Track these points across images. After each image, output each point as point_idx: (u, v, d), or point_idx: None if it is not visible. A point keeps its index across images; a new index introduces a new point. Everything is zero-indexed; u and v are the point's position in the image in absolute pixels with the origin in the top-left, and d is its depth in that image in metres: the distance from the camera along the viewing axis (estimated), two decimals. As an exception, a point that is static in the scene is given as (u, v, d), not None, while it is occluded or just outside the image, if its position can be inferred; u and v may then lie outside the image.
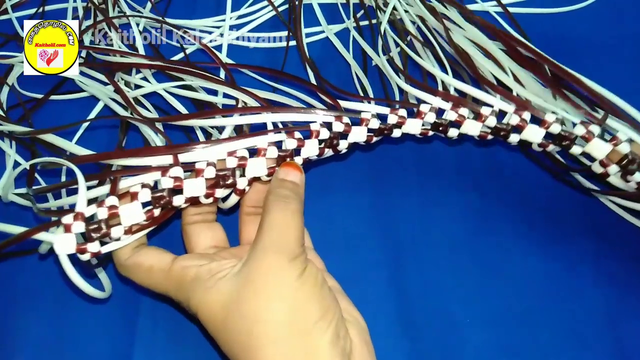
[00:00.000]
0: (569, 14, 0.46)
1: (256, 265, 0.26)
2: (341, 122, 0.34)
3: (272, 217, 0.28)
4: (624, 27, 0.45)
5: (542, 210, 0.38)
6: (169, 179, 0.28)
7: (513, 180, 0.39)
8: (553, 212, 0.37)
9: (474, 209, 0.38)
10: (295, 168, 0.31)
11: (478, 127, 0.35)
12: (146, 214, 0.28)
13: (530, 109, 0.34)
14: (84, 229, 0.27)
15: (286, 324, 0.25)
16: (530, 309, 0.34)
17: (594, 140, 0.32)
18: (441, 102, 0.36)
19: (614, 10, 0.46)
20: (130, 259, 0.29)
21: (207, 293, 0.26)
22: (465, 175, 0.39)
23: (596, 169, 0.33)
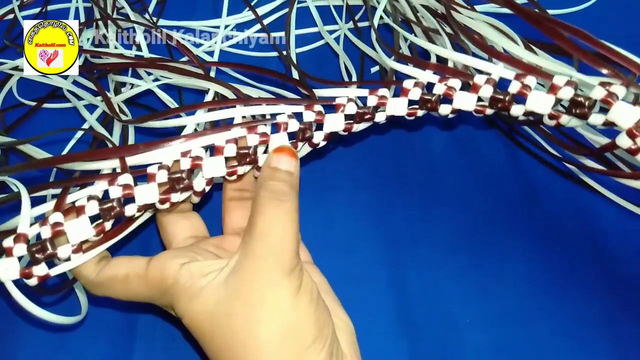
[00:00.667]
0: (571, 15, 0.46)
1: (248, 278, 0.24)
2: (312, 110, 0.30)
3: (265, 219, 0.24)
4: (625, 27, 0.43)
5: (542, 209, 0.37)
6: (118, 188, 0.26)
7: (514, 180, 0.38)
8: (553, 211, 0.36)
9: (474, 209, 0.36)
10: (289, 153, 0.27)
11: (472, 100, 0.29)
12: (96, 229, 0.25)
13: (537, 73, 0.27)
14: (26, 251, 0.24)
15: (278, 345, 0.23)
16: (529, 309, 0.33)
17: (617, 103, 0.25)
18: (430, 76, 0.30)
19: (615, 10, 0.46)
20: (100, 275, 0.26)
21: (192, 302, 0.24)
22: (465, 176, 0.38)
23: (622, 143, 0.25)
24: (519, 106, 0.28)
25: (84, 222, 0.25)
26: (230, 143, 0.27)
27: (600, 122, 0.26)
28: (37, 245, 0.24)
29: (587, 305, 0.33)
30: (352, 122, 0.30)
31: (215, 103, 0.31)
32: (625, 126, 0.25)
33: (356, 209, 0.36)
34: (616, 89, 0.25)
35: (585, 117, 0.26)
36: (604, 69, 0.26)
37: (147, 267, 0.26)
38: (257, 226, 0.24)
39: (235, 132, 0.28)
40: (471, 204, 0.36)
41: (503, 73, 0.28)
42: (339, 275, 0.29)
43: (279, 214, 0.24)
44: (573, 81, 0.26)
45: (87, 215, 0.25)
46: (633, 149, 0.25)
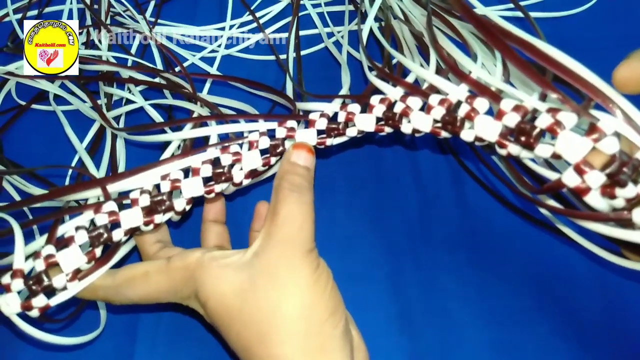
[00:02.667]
0: (568, 17, 0.45)
1: (273, 258, 0.26)
2: (284, 126, 0.30)
3: (287, 208, 0.26)
4: (623, 30, 0.44)
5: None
6: (104, 215, 0.27)
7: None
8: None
9: (472, 208, 0.36)
10: (307, 150, 0.29)
11: (427, 121, 0.27)
12: (88, 256, 0.26)
13: (489, 95, 0.25)
14: (24, 285, 0.25)
15: (302, 318, 0.25)
16: (529, 308, 0.33)
17: (563, 133, 0.22)
18: (398, 93, 0.29)
19: (612, 13, 0.45)
20: (117, 277, 0.27)
21: (218, 282, 0.26)
22: (463, 177, 0.38)
23: (569, 180, 0.22)
24: (470, 131, 0.25)
25: (74, 251, 0.26)
26: (206, 164, 0.29)
27: (549, 154, 0.22)
28: (32, 278, 0.25)
29: (587, 305, 0.33)
30: (324, 137, 0.30)
31: (195, 119, 0.33)
32: (572, 160, 0.22)
33: (355, 209, 0.37)
34: (564, 116, 0.22)
35: (531, 147, 0.23)
36: (552, 92, 0.23)
37: (167, 262, 0.27)
38: (279, 214, 0.26)
39: (210, 153, 0.29)
40: (470, 204, 0.36)
41: (459, 95, 0.26)
42: (338, 275, 0.29)
43: (299, 204, 0.27)
44: (522, 106, 0.23)
45: (77, 244, 0.26)
46: (582, 188, 0.22)
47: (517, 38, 0.25)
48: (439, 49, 0.28)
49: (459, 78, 0.26)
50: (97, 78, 0.39)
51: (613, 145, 0.21)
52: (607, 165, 0.21)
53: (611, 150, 0.21)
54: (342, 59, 0.37)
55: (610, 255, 0.27)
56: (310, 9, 0.45)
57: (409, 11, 0.36)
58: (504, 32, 0.25)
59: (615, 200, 0.22)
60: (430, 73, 0.28)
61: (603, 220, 0.23)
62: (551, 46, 0.24)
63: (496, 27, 0.25)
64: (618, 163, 0.21)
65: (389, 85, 0.30)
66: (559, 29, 0.44)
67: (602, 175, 0.21)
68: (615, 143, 0.21)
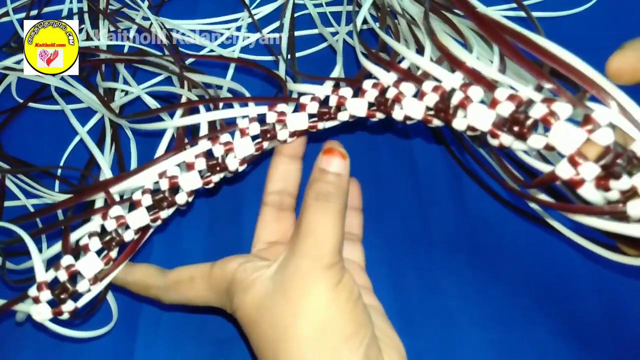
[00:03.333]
0: (568, 17, 0.45)
1: (291, 272, 0.25)
2: (274, 111, 0.30)
3: (310, 219, 0.25)
4: (623, 30, 0.43)
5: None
6: (112, 221, 0.28)
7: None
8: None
9: (471, 208, 0.36)
10: (338, 155, 0.27)
11: (420, 108, 0.26)
12: (104, 260, 0.28)
13: (484, 84, 0.24)
14: (52, 296, 0.27)
15: (314, 340, 0.23)
16: (529, 308, 0.33)
17: (557, 124, 0.21)
18: (391, 78, 0.28)
19: (613, 13, 0.45)
20: (167, 279, 0.29)
21: (244, 294, 0.26)
22: (461, 174, 0.38)
23: (562, 172, 0.21)
24: (462, 120, 0.25)
25: (92, 258, 0.28)
26: (199, 157, 0.29)
27: (542, 145, 0.22)
28: (58, 288, 0.27)
29: (587, 305, 0.32)
30: (315, 120, 0.30)
31: (184, 104, 0.32)
32: (566, 152, 0.21)
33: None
34: (559, 107, 0.21)
35: (524, 137, 0.22)
36: (547, 82, 0.22)
37: (210, 270, 0.28)
38: (302, 225, 0.25)
39: (202, 145, 0.29)
40: (469, 204, 0.36)
41: (453, 82, 0.25)
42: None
43: (322, 213, 0.25)
44: (516, 95, 0.23)
45: (93, 251, 0.28)
46: (576, 180, 0.21)
47: (513, 31, 0.24)
48: (435, 39, 0.28)
49: (454, 65, 0.26)
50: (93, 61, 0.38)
51: (608, 137, 0.20)
52: (601, 157, 0.21)
53: (606, 141, 0.20)
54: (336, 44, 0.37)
55: (605, 251, 0.26)
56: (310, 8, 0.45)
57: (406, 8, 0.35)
58: (501, 26, 0.25)
59: (610, 193, 0.21)
60: (425, 60, 0.27)
61: (598, 214, 0.22)
62: (547, 40, 0.24)
63: (493, 21, 0.25)
64: (613, 154, 0.20)
65: (382, 70, 0.29)
66: (559, 28, 0.44)
67: (597, 167, 0.21)
68: (610, 134, 0.20)
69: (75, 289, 0.28)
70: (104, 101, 0.36)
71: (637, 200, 0.21)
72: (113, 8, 0.45)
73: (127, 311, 0.33)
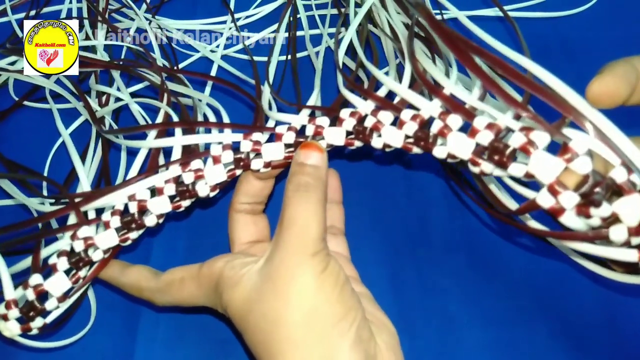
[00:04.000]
0: (569, 17, 0.45)
1: (276, 263, 0.25)
2: (250, 139, 0.29)
3: (292, 210, 0.26)
4: (624, 30, 0.44)
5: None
6: (80, 241, 0.28)
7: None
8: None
9: (471, 208, 0.36)
10: (315, 148, 0.28)
11: (399, 136, 0.26)
12: (72, 279, 0.29)
13: (462, 112, 0.24)
14: (19, 314, 0.28)
15: (304, 326, 0.24)
16: (528, 308, 0.33)
17: (535, 153, 0.21)
18: (369, 107, 0.28)
19: (613, 13, 0.45)
20: (159, 281, 0.29)
21: (233, 290, 0.26)
22: None
23: (543, 201, 0.21)
24: (442, 148, 0.25)
25: (60, 278, 0.28)
26: (169, 183, 0.29)
27: (522, 173, 0.22)
28: (27, 306, 0.28)
29: (586, 305, 0.33)
30: (292, 151, 0.30)
31: (160, 125, 0.32)
32: (546, 181, 0.21)
33: (355, 210, 0.36)
34: (537, 135, 0.21)
35: (504, 166, 0.22)
36: (522, 110, 0.22)
37: (199, 270, 0.28)
38: (284, 217, 0.26)
39: (172, 171, 0.29)
40: (469, 204, 0.36)
41: (432, 111, 0.25)
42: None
43: (303, 203, 0.26)
44: (495, 124, 0.23)
45: (61, 271, 0.28)
46: (556, 208, 0.21)
47: (484, 52, 0.24)
48: (415, 62, 0.28)
49: (432, 93, 0.26)
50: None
51: (585, 165, 0.20)
52: (580, 185, 0.21)
53: (584, 170, 0.21)
54: (317, 64, 0.37)
55: (595, 266, 0.27)
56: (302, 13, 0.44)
57: (393, 22, 0.35)
58: (471, 46, 0.24)
59: (591, 220, 0.21)
60: (403, 87, 0.27)
61: (582, 240, 0.23)
62: (525, 58, 0.24)
63: (463, 41, 0.25)
64: (591, 183, 0.20)
65: (359, 98, 0.29)
66: (560, 29, 0.44)
67: (576, 196, 0.21)
68: (588, 163, 0.20)
69: (43, 307, 0.28)
70: (89, 109, 0.35)
71: (619, 226, 0.21)
72: (112, 8, 0.45)
73: (127, 311, 0.33)
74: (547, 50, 0.43)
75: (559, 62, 0.42)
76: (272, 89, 0.32)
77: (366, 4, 0.35)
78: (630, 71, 0.21)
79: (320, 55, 0.38)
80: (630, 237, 0.21)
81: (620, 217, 0.21)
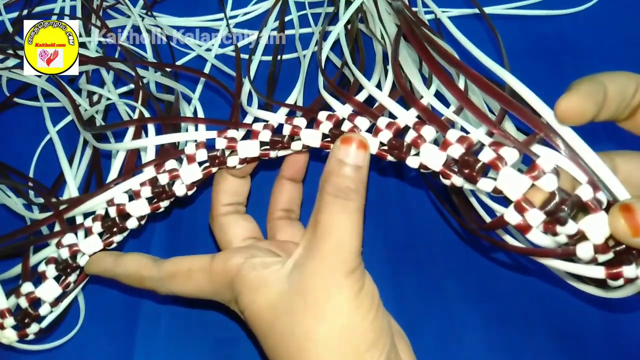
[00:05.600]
0: (571, 15, 0.44)
1: (310, 275, 0.23)
2: (225, 137, 0.29)
3: (329, 218, 0.24)
4: (625, 29, 0.43)
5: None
6: (65, 249, 0.29)
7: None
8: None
9: None
10: (357, 143, 0.25)
11: (374, 143, 0.26)
12: (62, 285, 0.30)
13: (437, 124, 0.24)
14: (16, 322, 0.29)
15: (338, 346, 0.22)
16: (528, 309, 0.33)
17: (504, 170, 0.21)
18: (346, 111, 0.28)
19: (615, 11, 0.44)
20: (161, 271, 0.27)
21: (255, 294, 0.24)
22: None
23: (510, 218, 0.22)
24: (415, 158, 0.25)
25: (50, 285, 0.29)
26: (145, 185, 0.29)
27: (490, 189, 0.22)
28: (21, 313, 0.29)
29: (587, 305, 0.32)
30: (268, 149, 0.29)
31: (134, 122, 0.32)
32: (513, 197, 0.21)
33: None
34: (506, 152, 0.21)
35: (474, 181, 0.22)
36: (491, 127, 0.22)
37: (211, 263, 0.26)
38: (320, 224, 0.24)
39: (147, 173, 0.29)
40: None
41: (407, 120, 0.25)
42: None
43: (342, 212, 0.24)
44: (467, 138, 0.23)
45: (51, 277, 0.29)
46: (523, 225, 0.21)
47: (459, 64, 0.24)
48: (396, 69, 0.28)
49: (409, 102, 0.26)
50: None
51: (551, 183, 0.21)
52: (546, 203, 0.21)
53: (549, 188, 0.21)
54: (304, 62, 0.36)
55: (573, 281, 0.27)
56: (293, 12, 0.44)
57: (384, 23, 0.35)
58: (451, 59, 0.24)
59: (559, 237, 0.21)
60: (383, 93, 0.27)
61: (551, 256, 0.23)
62: (502, 69, 0.24)
63: (444, 53, 0.25)
64: (556, 201, 0.21)
65: (338, 102, 0.29)
66: (560, 27, 0.44)
67: (541, 214, 0.21)
68: (553, 181, 0.21)
69: (37, 313, 0.29)
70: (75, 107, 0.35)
71: (585, 243, 0.21)
72: (107, 4, 0.45)
73: (127, 312, 0.33)
74: (548, 49, 0.42)
75: (560, 61, 0.42)
76: (252, 85, 0.32)
77: (355, 2, 0.35)
78: (596, 89, 0.21)
79: (308, 55, 0.38)
80: (597, 255, 0.21)
81: (586, 234, 0.21)
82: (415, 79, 0.27)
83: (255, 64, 0.36)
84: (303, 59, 0.38)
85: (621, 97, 0.22)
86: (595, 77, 0.21)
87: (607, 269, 0.21)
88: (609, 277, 0.21)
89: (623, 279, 0.21)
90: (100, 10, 0.44)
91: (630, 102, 0.22)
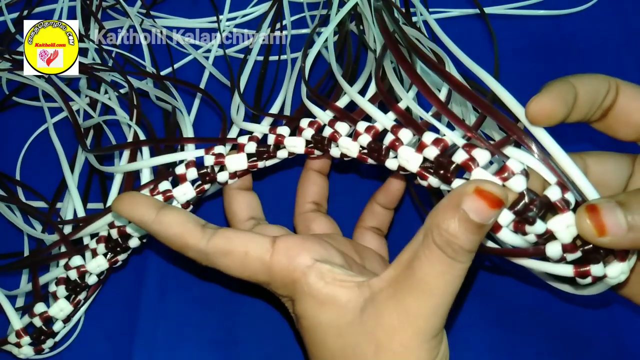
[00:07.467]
0: (571, 15, 0.44)
1: (388, 325, 0.22)
2: (212, 153, 0.30)
3: (429, 274, 0.21)
4: (626, 28, 0.43)
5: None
6: (73, 270, 0.30)
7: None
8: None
9: None
10: (489, 202, 0.20)
11: (354, 147, 0.27)
12: (73, 303, 0.31)
13: (414, 126, 0.25)
14: (32, 340, 0.31)
15: None
16: (529, 310, 0.33)
17: (476, 170, 0.22)
18: (327, 117, 0.29)
19: (616, 11, 0.44)
20: (210, 245, 0.24)
21: (321, 309, 0.23)
22: None
23: None
24: (394, 160, 0.25)
25: (61, 304, 0.31)
26: None
27: (464, 188, 0.23)
28: (36, 332, 0.31)
29: (587, 306, 0.32)
30: (255, 160, 0.30)
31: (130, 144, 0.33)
32: (484, 198, 0.22)
33: (356, 210, 0.35)
34: (478, 153, 0.22)
35: (448, 181, 0.23)
36: (467, 131, 0.23)
37: (272, 251, 0.24)
38: (416, 276, 0.21)
39: None
40: None
41: (385, 123, 0.26)
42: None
43: (449, 274, 0.21)
44: (442, 140, 0.24)
45: (62, 297, 0.31)
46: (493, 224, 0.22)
47: (439, 68, 0.25)
48: (378, 72, 0.28)
49: (387, 105, 0.26)
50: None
51: (519, 184, 0.21)
52: (516, 203, 0.21)
53: (518, 188, 0.21)
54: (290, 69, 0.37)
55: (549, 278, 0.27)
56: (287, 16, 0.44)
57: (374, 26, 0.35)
58: (431, 62, 0.25)
59: (528, 236, 0.22)
60: (362, 98, 0.28)
61: (521, 256, 0.23)
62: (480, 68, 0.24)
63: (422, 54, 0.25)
64: (524, 202, 0.21)
65: (318, 109, 0.29)
66: (561, 27, 0.44)
67: (510, 214, 0.21)
68: (522, 182, 0.21)
69: (52, 330, 0.31)
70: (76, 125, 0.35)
71: (554, 242, 0.22)
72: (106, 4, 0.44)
73: (127, 312, 0.34)
74: (548, 49, 0.43)
75: (561, 60, 0.42)
76: (241, 96, 0.33)
77: (347, 5, 0.35)
78: (567, 90, 0.21)
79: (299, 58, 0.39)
80: (566, 254, 0.22)
81: (555, 234, 0.21)
82: (394, 83, 0.28)
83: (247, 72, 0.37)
84: (290, 66, 0.39)
85: (592, 98, 0.23)
86: (566, 78, 0.22)
87: (576, 267, 0.22)
88: (577, 275, 0.22)
89: (591, 277, 0.22)
90: (100, 10, 0.44)
91: (601, 104, 0.23)
